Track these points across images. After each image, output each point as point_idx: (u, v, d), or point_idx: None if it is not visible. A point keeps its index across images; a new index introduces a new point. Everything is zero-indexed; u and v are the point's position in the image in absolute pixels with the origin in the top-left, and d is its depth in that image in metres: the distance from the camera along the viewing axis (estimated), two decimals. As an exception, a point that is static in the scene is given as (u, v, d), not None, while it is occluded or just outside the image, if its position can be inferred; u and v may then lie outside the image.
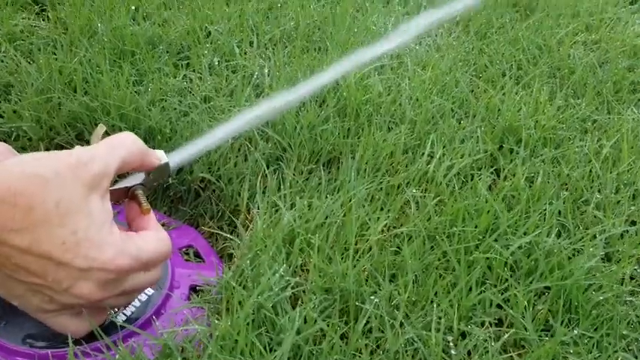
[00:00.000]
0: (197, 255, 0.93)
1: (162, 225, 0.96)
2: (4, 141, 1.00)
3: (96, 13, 1.34)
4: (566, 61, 1.35)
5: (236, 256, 0.87)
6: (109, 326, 0.75)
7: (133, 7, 1.38)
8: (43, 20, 1.38)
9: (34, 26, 1.34)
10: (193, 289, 0.86)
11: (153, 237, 0.69)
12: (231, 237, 0.91)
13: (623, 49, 1.43)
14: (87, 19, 1.31)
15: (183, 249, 0.94)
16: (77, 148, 0.66)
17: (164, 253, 0.70)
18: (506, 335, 0.76)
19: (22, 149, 1.03)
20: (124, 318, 0.77)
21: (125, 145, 0.69)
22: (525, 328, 0.77)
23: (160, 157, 0.79)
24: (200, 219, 1.01)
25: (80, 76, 1.12)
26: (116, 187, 0.76)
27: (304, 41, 1.35)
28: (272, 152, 1.03)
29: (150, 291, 0.81)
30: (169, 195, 1.02)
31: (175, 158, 0.82)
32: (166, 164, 0.80)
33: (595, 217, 0.96)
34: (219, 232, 0.95)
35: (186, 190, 1.02)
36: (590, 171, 1.04)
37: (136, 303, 0.80)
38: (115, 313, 0.77)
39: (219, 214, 1.00)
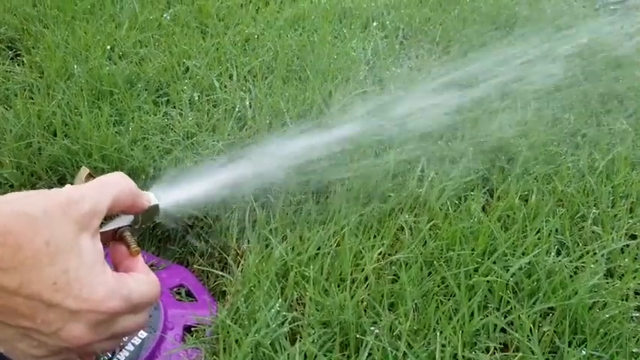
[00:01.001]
0: (189, 294, 0.91)
1: (152, 265, 0.94)
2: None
3: (71, 55, 1.32)
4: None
5: (229, 293, 0.85)
6: (102, 374, 0.72)
7: (109, 47, 1.36)
8: (18, 65, 1.36)
9: (9, 71, 1.32)
10: (187, 329, 0.84)
11: (143, 279, 0.66)
12: (222, 274, 0.88)
13: (607, 61, 1.43)
14: (62, 62, 1.29)
15: (175, 288, 0.91)
16: (68, 186, 0.63)
17: (154, 296, 0.66)
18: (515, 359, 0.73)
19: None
20: (118, 364, 0.75)
21: (117, 184, 0.67)
22: (532, 352, 0.74)
23: (150, 199, 0.77)
24: (190, 257, 0.99)
25: (59, 119, 1.09)
26: (103, 229, 0.74)
27: (284, 71, 1.33)
28: (260, 184, 1.01)
29: (143, 334, 0.79)
30: (157, 234, 1.00)
31: (166, 200, 0.79)
32: (156, 206, 0.78)
33: (593, 232, 0.94)
34: (211, 270, 0.93)
35: (174, 228, 0.99)
36: (585, 185, 1.02)
37: (130, 347, 0.77)
38: (109, 359, 0.75)
39: (209, 251, 0.97)
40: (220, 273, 0.89)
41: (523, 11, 1.71)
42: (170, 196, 0.81)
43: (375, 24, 1.60)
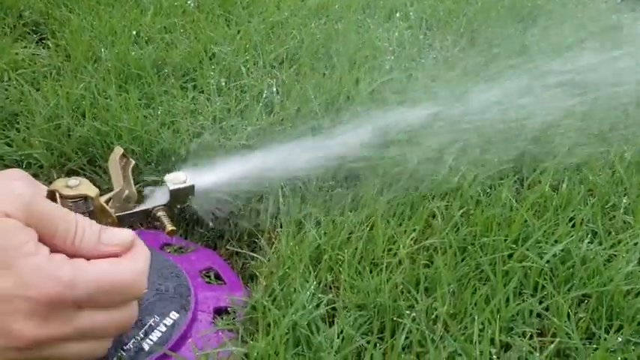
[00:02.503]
0: (217, 277, 0.91)
1: (180, 248, 0.94)
2: (15, 169, 0.97)
3: (97, 39, 1.32)
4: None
5: (261, 275, 0.84)
6: (136, 354, 0.72)
7: (134, 32, 1.36)
8: (44, 48, 1.36)
9: (35, 54, 1.32)
10: (217, 311, 0.83)
11: (107, 264, 0.58)
12: (256, 255, 0.88)
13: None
14: (89, 46, 1.29)
15: (204, 271, 0.91)
16: None
17: (123, 284, 0.59)
18: (552, 345, 0.73)
19: (35, 176, 1.00)
20: (151, 343, 0.74)
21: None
22: (569, 337, 0.74)
23: (184, 179, 0.77)
24: (218, 241, 0.99)
25: (88, 102, 1.09)
26: (137, 209, 0.74)
27: (310, 58, 1.33)
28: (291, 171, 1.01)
29: (175, 314, 0.79)
30: (185, 217, 1.00)
31: (199, 181, 0.79)
32: (191, 186, 0.78)
33: (624, 222, 0.94)
34: (241, 251, 0.93)
35: (202, 212, 0.99)
36: (614, 175, 1.02)
37: (162, 327, 0.77)
38: (141, 339, 0.75)
39: (238, 235, 0.97)
40: (254, 254, 0.89)
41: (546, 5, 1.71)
42: (200, 179, 0.81)
43: (398, 15, 1.60)
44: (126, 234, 0.62)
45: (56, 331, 0.55)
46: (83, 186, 0.66)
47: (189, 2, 1.53)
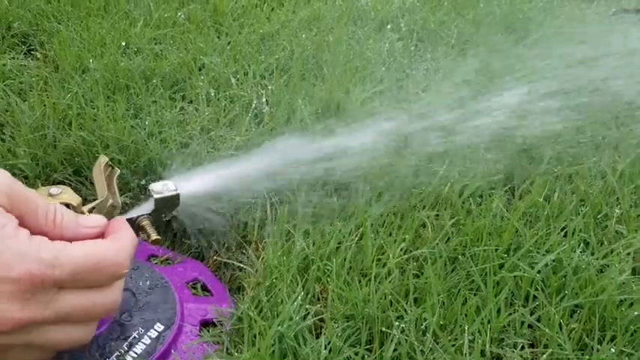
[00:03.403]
0: (204, 288, 0.90)
1: (167, 259, 0.93)
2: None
3: (86, 50, 1.31)
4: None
5: (248, 286, 0.83)
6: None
7: (124, 43, 1.35)
8: (32, 60, 1.35)
9: (23, 65, 1.31)
10: (204, 323, 0.82)
11: (89, 243, 0.59)
12: (243, 266, 0.87)
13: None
14: (77, 56, 1.28)
15: (190, 283, 0.90)
16: None
17: (105, 262, 0.58)
18: (544, 356, 0.72)
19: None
20: (135, 356, 0.73)
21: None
22: (561, 348, 0.73)
23: (169, 187, 0.76)
24: (205, 252, 0.97)
25: (75, 112, 1.08)
26: (122, 217, 0.72)
27: (300, 69, 1.32)
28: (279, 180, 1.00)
29: (159, 327, 0.77)
30: (172, 228, 0.99)
31: (185, 189, 0.78)
32: (177, 195, 0.76)
33: (617, 232, 0.93)
34: (228, 262, 0.91)
35: (189, 222, 0.98)
36: (607, 186, 1.01)
37: (146, 340, 0.76)
38: (125, 352, 0.73)
39: (225, 245, 0.96)
40: (240, 265, 0.88)
41: (538, 17, 1.71)
42: (187, 188, 0.80)
43: (389, 26, 1.60)
44: (100, 217, 0.63)
45: (39, 313, 0.54)
46: (65, 194, 0.65)
47: (179, 14, 1.52)
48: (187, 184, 0.80)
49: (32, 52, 1.38)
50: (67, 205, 0.64)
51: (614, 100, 1.28)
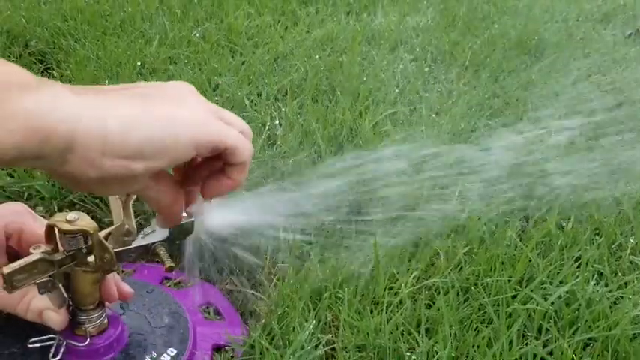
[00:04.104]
0: (216, 312, 0.89)
1: (179, 282, 0.93)
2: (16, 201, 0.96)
3: (102, 70, 1.32)
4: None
5: (261, 312, 0.83)
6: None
7: (139, 63, 1.36)
8: (49, 78, 1.36)
9: (40, 84, 1.31)
10: (215, 348, 0.82)
11: None
12: (255, 293, 0.87)
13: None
14: (93, 76, 1.29)
15: (203, 306, 0.90)
16: None
17: None
18: (556, 391, 0.72)
19: (34, 207, 1.00)
20: (147, 383, 0.73)
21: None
22: (574, 383, 0.73)
23: (183, 214, 0.76)
24: (217, 275, 0.97)
25: (90, 132, 1.08)
26: (136, 244, 0.72)
27: (314, 90, 1.32)
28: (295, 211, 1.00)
29: (172, 351, 0.77)
30: (184, 251, 0.99)
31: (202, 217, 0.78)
32: (191, 222, 0.76)
33: (631, 262, 0.92)
34: (241, 288, 0.91)
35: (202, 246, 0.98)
36: (620, 214, 1.01)
37: (159, 364, 0.76)
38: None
39: (238, 270, 0.96)
40: (252, 292, 0.88)
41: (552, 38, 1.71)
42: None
43: (403, 47, 1.60)
44: None
45: None
46: (82, 221, 0.65)
47: (194, 33, 1.53)
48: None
49: (49, 71, 1.39)
50: (84, 234, 0.64)
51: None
